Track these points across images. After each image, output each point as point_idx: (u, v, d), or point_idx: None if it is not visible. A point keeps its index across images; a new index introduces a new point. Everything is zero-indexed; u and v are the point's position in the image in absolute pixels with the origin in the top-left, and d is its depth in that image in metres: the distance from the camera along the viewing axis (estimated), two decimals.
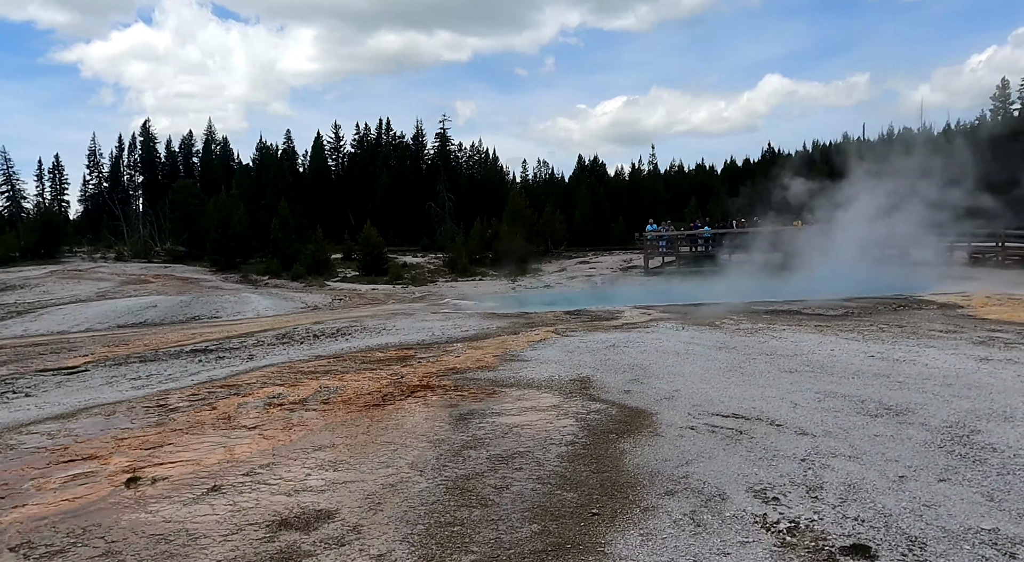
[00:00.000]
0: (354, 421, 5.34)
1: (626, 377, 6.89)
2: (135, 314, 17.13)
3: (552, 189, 56.07)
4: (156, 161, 59.31)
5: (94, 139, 61.80)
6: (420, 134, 55.24)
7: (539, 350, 8.63)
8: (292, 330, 11.64)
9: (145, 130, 59.05)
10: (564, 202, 49.53)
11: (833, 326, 10.35)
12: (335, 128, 57.30)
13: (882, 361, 7.46)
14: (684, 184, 62.17)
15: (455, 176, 52.63)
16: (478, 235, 34.50)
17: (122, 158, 59.63)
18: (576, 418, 5.30)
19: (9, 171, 54.79)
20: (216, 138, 60.97)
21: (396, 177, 49.45)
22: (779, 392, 6.10)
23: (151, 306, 17.99)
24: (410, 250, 41.38)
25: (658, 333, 9.80)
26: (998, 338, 8.89)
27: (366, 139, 57.07)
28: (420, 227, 46.75)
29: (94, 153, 59.60)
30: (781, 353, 8.05)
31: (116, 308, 17.75)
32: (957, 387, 6.19)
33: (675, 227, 30.80)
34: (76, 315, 17.02)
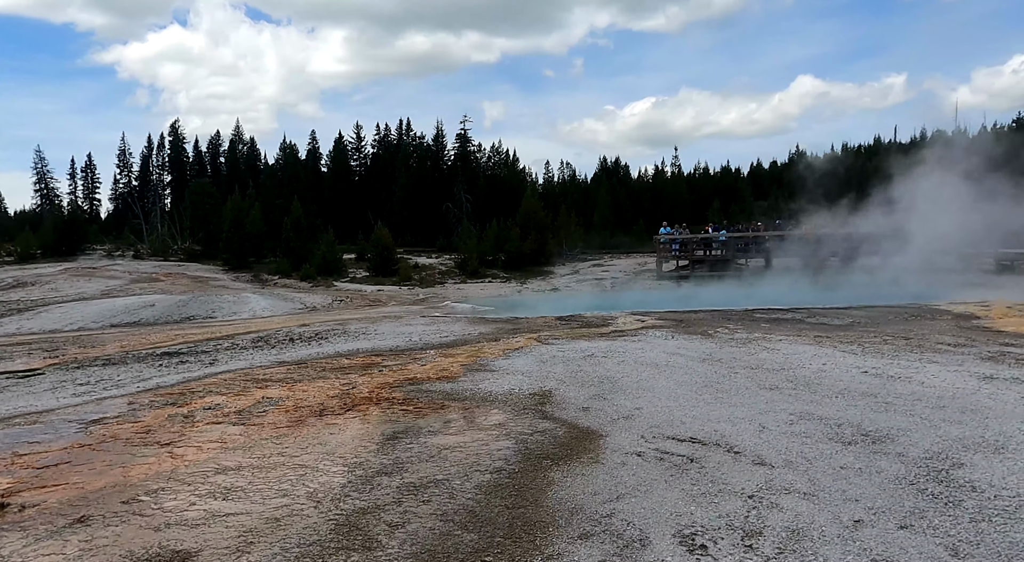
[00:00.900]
0: (277, 438, 4.91)
1: (591, 391, 6.40)
2: (131, 313, 16.91)
3: (573, 191, 55.50)
4: (184, 161, 59.50)
5: (123, 139, 62.39)
6: (440, 135, 54.94)
7: (512, 359, 8.16)
8: (274, 333, 11.27)
9: (174, 130, 59.33)
10: (584, 204, 49.00)
11: (834, 336, 9.76)
12: (356, 128, 57.21)
13: (875, 378, 6.90)
14: (708, 186, 61.26)
15: (473, 177, 52.23)
16: (491, 237, 34.06)
17: (151, 158, 59.90)
18: (517, 440, 4.82)
19: (43, 170, 55.33)
20: (243, 138, 61.08)
21: (414, 178, 49.18)
22: (750, 412, 5.58)
23: (148, 305, 17.77)
24: (425, 251, 41.10)
25: (644, 342, 9.29)
26: (1009, 353, 8.27)
27: (386, 139, 56.82)
28: (437, 228, 46.41)
29: (124, 152, 59.95)
30: (767, 367, 7.51)
31: (114, 307, 17.54)
32: (950, 410, 5.63)
33: (689, 230, 30.09)
34: (73, 314, 16.83)
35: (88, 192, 61.23)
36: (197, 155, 61.25)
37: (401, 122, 57.41)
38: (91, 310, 17.13)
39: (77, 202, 59.95)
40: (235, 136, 60.81)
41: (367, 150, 57.58)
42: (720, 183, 63.44)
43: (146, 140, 60.70)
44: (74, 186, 60.11)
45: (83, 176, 60.45)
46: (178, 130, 60.04)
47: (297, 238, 31.86)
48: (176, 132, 59.91)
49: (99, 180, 61.01)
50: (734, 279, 23.25)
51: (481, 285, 26.99)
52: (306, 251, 30.98)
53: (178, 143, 59.77)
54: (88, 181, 60.88)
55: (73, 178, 59.97)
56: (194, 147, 60.88)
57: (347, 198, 50.63)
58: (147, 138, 58.93)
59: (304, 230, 32.73)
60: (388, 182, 50.67)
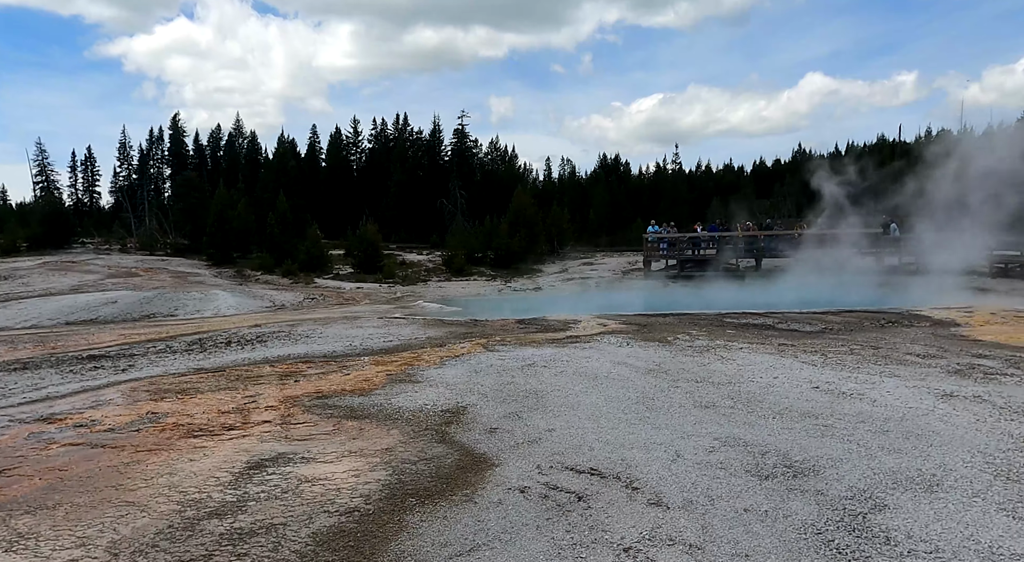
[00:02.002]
0: (126, 465, 4.38)
1: (510, 408, 5.86)
2: (90, 310, 16.41)
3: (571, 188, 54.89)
4: (184, 154, 58.91)
5: (124, 132, 61.79)
6: (437, 130, 54.31)
7: (445, 368, 7.62)
8: (217, 334, 10.77)
9: (174, 123, 58.75)
10: (581, 201, 48.41)
11: (799, 345, 9.21)
12: (354, 123, 56.61)
13: (824, 394, 6.35)
14: (710, 184, 60.63)
15: (469, 173, 51.65)
16: (479, 234, 33.51)
17: (151, 151, 59.31)
18: (395, 470, 4.29)
19: (43, 162, 54.95)
20: (244, 132, 60.42)
21: (409, 173, 48.61)
22: (672, 436, 5.04)
23: (111, 302, 17.27)
24: (417, 248, 40.58)
25: (595, 350, 8.74)
26: (979, 367, 7.72)
27: (383, 134, 56.22)
28: (432, 224, 45.85)
29: (124, 145, 59.36)
30: (714, 380, 6.97)
31: (75, 304, 17.05)
32: (893, 435, 5.08)
33: (677, 229, 29.49)
34: (31, 310, 16.34)
35: (88, 185, 60.83)
36: (198, 149, 60.68)
37: (398, 117, 56.86)
38: (50, 307, 16.64)
39: (77, 195, 59.70)
40: (235, 130, 60.25)
41: (364, 145, 57.05)
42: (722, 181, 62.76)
43: (147, 133, 59.97)
44: (74, 179, 59.75)
45: (83, 169, 60.03)
46: (178, 123, 59.53)
47: (282, 233, 31.33)
48: (176, 125, 59.35)
49: (99, 173, 60.58)
50: (721, 280, 22.66)
51: (464, 283, 26.43)
52: (291, 247, 30.45)
53: (178, 136, 59.19)
54: (88, 174, 60.45)
55: (74, 171, 59.61)
56: (195, 140, 60.32)
57: (343, 194, 50.06)
58: (148, 131, 58.17)
59: (290, 225, 32.19)
60: (384, 178, 50.09)
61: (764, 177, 64.05)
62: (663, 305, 15.79)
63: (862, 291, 18.07)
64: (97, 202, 60.42)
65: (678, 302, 16.74)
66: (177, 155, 58.99)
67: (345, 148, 55.86)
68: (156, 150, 59.67)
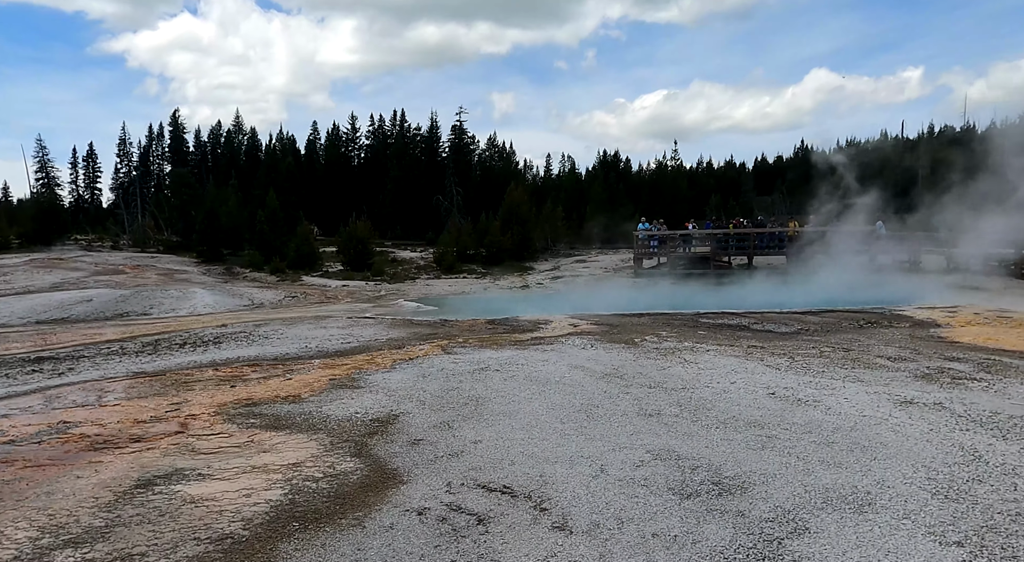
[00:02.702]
0: (6, 483, 4.10)
1: (444, 417, 5.59)
2: (64, 309, 16.17)
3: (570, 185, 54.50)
4: (184, 151, 58.57)
5: (124, 128, 61.51)
6: (435, 127, 53.95)
7: (394, 372, 7.35)
8: (178, 335, 10.52)
9: (174, 120, 58.41)
10: (579, 198, 48.04)
11: (769, 347, 8.92)
12: (352, 120, 56.26)
13: (779, 401, 6.06)
14: (710, 181, 60.26)
15: (466, 169, 51.31)
16: (470, 231, 33.20)
17: (151, 148, 58.98)
18: (292, 489, 4.01)
19: (44, 158, 54.76)
20: (244, 128, 60.05)
21: (406, 170, 48.29)
22: (603, 448, 4.75)
23: (85, 300, 17.02)
24: (413, 245, 40.29)
25: (556, 352, 8.46)
26: (949, 370, 7.42)
27: (380, 131, 55.87)
28: (428, 221, 45.52)
29: (124, 142, 59.02)
30: (669, 385, 6.68)
31: (49, 302, 16.80)
32: (838, 447, 4.79)
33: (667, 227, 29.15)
34: (3, 309, 16.09)
35: (89, 181, 60.56)
36: (199, 145, 60.29)
37: (395, 113, 56.54)
38: (23, 305, 16.39)
39: (79, 191, 59.47)
40: (234, 127, 59.91)
41: (362, 141, 56.71)
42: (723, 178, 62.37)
43: (147, 130, 59.69)
44: (75, 175, 59.50)
45: (84, 165, 59.77)
46: (178, 120, 59.19)
47: (272, 231, 31.04)
48: (176, 122, 59.00)
49: (100, 169, 60.24)
50: (710, 278, 22.34)
51: (451, 281, 26.14)
52: (280, 244, 30.17)
53: (178, 133, 58.84)
54: (90, 170, 60.17)
55: (75, 167, 59.35)
56: (195, 137, 59.98)
57: (341, 191, 49.72)
58: (148, 128, 57.89)
59: (280, 222, 31.91)
60: (382, 175, 49.77)
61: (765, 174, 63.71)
62: (645, 304, 15.49)
63: (850, 290, 17.74)
64: (98, 199, 60.18)
65: (661, 301, 16.43)
66: (177, 152, 58.65)
67: (343, 145, 55.50)
68: (157, 147, 59.39)
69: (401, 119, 55.72)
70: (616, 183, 53.56)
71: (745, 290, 19.16)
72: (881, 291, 17.18)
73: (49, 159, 55.39)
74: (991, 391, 6.49)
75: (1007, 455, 4.62)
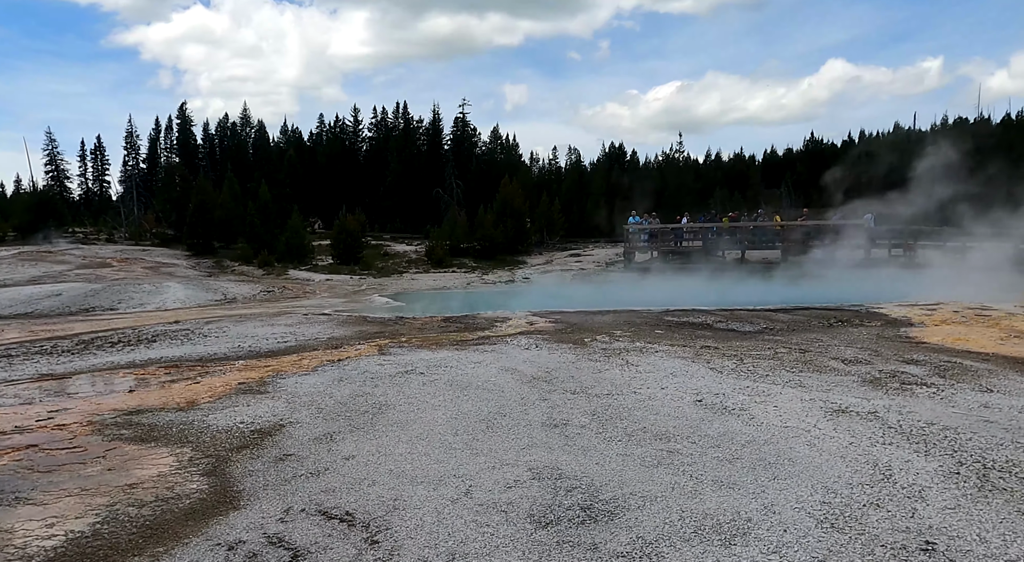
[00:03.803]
0: None
1: (333, 427, 5.22)
2: (30, 304, 15.91)
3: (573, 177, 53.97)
4: (191, 144, 58.28)
5: (131, 121, 61.15)
6: (437, 119, 53.49)
7: (312, 375, 6.99)
8: (122, 332, 10.25)
9: (181, 113, 58.13)
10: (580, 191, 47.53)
11: (723, 348, 8.50)
12: (354, 111, 55.89)
13: (703, 410, 5.65)
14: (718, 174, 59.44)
15: (466, 162, 50.88)
16: (464, 224, 32.82)
17: (159, 140, 58.72)
18: (104, 518, 3.63)
19: (53, 151, 54.82)
20: (251, 121, 59.69)
21: (406, 163, 47.90)
22: (484, 465, 4.37)
23: (55, 295, 16.76)
24: (410, 238, 39.92)
25: (496, 353, 8.08)
26: (902, 374, 7.00)
27: (383, 123, 55.47)
28: (428, 214, 45.12)
29: (131, 135, 58.69)
30: (596, 391, 6.29)
31: (16, 297, 16.54)
32: (741, 464, 4.39)
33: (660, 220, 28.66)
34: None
35: (98, 174, 60.44)
36: (207, 138, 59.93)
37: (398, 105, 56.08)
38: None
39: (87, 184, 59.36)
40: (241, 119, 59.57)
41: (365, 134, 56.32)
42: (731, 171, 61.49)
43: (154, 122, 59.57)
44: (84, 168, 59.43)
45: (92, 158, 59.66)
46: (186, 113, 58.88)
47: (263, 223, 30.76)
48: (184, 115, 58.70)
49: (108, 162, 60.04)
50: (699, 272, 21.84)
51: (438, 275, 25.77)
52: (271, 237, 29.89)
53: (186, 126, 58.56)
54: (98, 163, 60.04)
55: (83, 160, 59.28)
56: (203, 130, 59.67)
57: (344, 183, 49.37)
58: (155, 120, 57.69)
59: (272, 215, 31.62)
60: (384, 167, 49.40)
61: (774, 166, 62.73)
62: (622, 300, 15.07)
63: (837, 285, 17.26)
64: (107, 191, 60.04)
65: (639, 297, 16.02)
66: (185, 145, 58.39)
67: (347, 137, 55.13)
68: (164, 140, 59.16)
69: (404, 111, 55.34)
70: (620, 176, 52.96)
71: (728, 286, 18.69)
72: (867, 286, 16.71)
73: (58, 151, 55.51)
74: (937, 398, 6.06)
75: (921, 474, 4.21)
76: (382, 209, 46.50)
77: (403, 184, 47.23)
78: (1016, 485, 4.03)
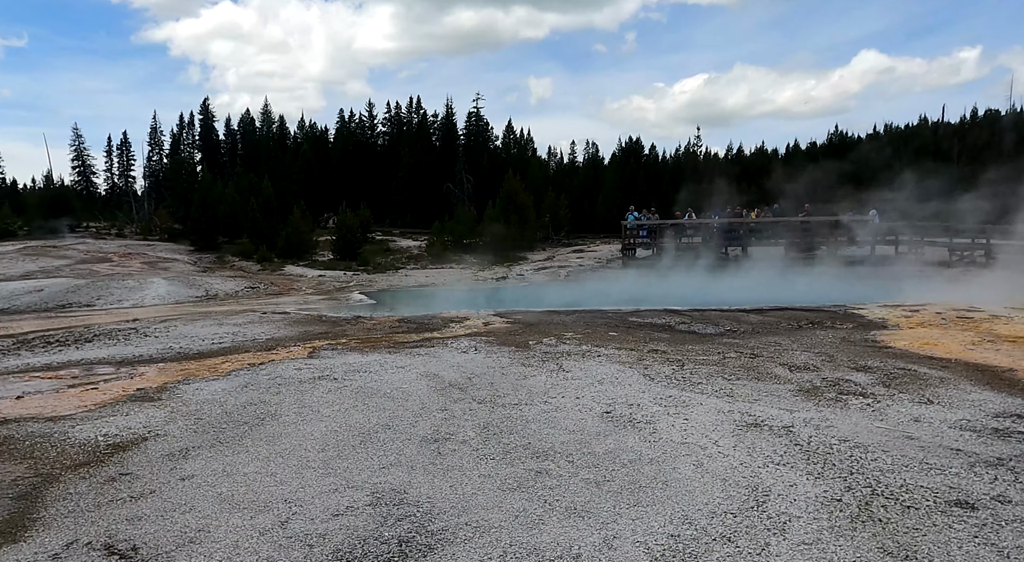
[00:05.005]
0: None
1: (200, 441, 4.92)
2: (9, 300, 15.86)
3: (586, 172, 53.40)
4: (214, 139, 58.43)
5: (155, 117, 61.53)
6: (450, 113, 53.17)
7: (220, 381, 6.70)
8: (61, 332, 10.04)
9: (204, 108, 58.28)
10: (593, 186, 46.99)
11: (672, 352, 8.10)
12: (368, 106, 55.72)
13: (606, 423, 5.27)
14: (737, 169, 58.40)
15: (478, 156, 50.51)
16: (470, 219, 32.47)
17: (182, 136, 58.87)
18: None
19: (80, 147, 55.39)
20: (272, 116, 59.67)
21: (418, 157, 47.65)
22: (325, 487, 4.03)
23: (36, 290, 16.70)
24: (418, 233, 39.65)
25: (427, 357, 7.74)
26: (846, 382, 6.57)
27: (396, 118, 55.23)
28: (439, 210, 44.83)
29: (155, 131, 58.95)
30: (508, 400, 5.94)
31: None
32: (610, 487, 4.03)
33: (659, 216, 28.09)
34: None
35: (124, 169, 60.81)
36: (229, 133, 59.98)
37: (411, 100, 55.82)
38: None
39: (113, 179, 59.78)
40: (263, 115, 59.63)
41: (379, 129, 56.13)
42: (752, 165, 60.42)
43: (178, 118, 59.84)
44: (110, 163, 59.87)
45: (118, 153, 60.06)
46: (208, 108, 59.00)
47: (265, 218, 30.64)
48: (207, 110, 58.81)
49: (134, 157, 60.32)
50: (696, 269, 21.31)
51: (433, 272, 25.45)
52: (272, 232, 29.78)
53: (208, 122, 58.68)
54: (124, 158, 60.40)
55: (109, 155, 59.72)
56: (226, 125, 59.78)
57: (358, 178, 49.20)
58: (179, 117, 57.94)
59: (275, 210, 31.50)
60: (397, 162, 49.20)
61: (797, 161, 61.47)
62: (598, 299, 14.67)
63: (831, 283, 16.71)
64: (132, 187, 60.36)
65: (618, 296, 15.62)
66: (207, 140, 58.54)
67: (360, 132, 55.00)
68: (187, 135, 59.30)
69: (417, 106, 55.04)
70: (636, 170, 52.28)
71: (718, 284, 18.15)
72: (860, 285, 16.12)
73: (85, 147, 56.10)
74: (868, 411, 5.62)
75: (798, 501, 3.80)
76: (394, 204, 46.32)
77: (415, 179, 46.99)
78: (895, 515, 3.61)
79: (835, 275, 18.28)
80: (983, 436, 4.96)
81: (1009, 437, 4.92)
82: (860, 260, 21.52)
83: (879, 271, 19.36)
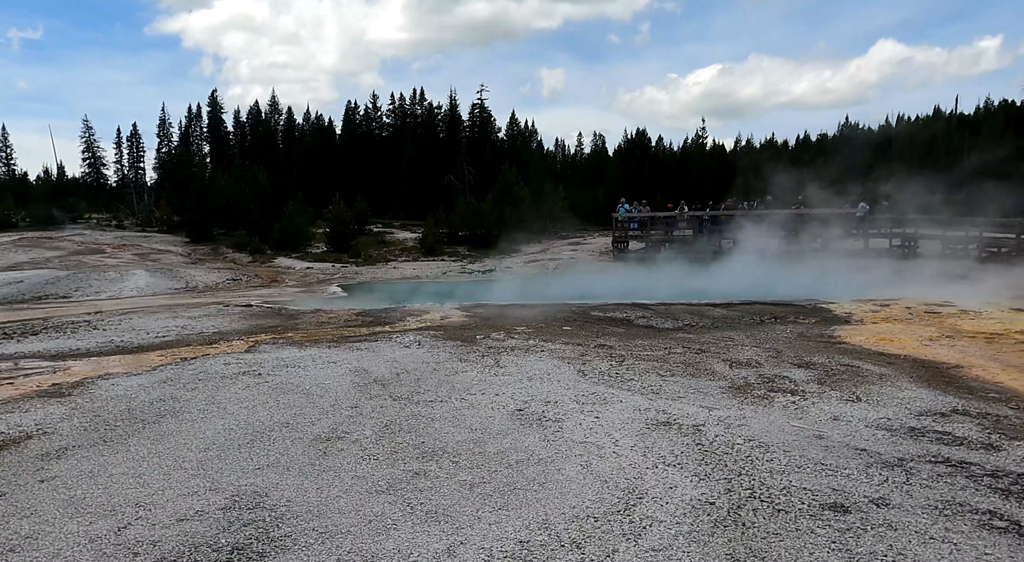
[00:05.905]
0: None
1: (86, 439, 4.80)
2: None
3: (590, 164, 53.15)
4: (223, 131, 58.45)
5: (164, 109, 61.69)
6: (453, 105, 52.97)
7: (144, 376, 6.60)
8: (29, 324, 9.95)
9: (212, 100, 58.38)
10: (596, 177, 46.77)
11: (618, 347, 7.94)
12: (372, 98, 55.65)
13: (513, 422, 5.13)
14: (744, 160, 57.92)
15: (479, 149, 50.30)
16: (465, 212, 32.29)
17: (191, 128, 58.87)
18: None
19: (90, 139, 55.63)
20: (280, 108, 59.63)
21: (420, 150, 47.51)
22: (180, 492, 3.90)
23: (16, 282, 16.68)
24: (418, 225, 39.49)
25: (366, 351, 7.63)
26: (782, 379, 6.40)
27: (400, 110, 55.08)
28: (440, 202, 44.68)
29: (164, 122, 59.08)
30: (422, 397, 5.80)
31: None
32: (483, 489, 3.89)
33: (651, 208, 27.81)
34: None
35: (133, 161, 60.94)
36: (237, 125, 59.94)
37: (415, 92, 55.63)
38: None
39: (123, 171, 59.96)
40: (270, 106, 59.58)
41: (383, 121, 55.98)
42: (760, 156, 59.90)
43: (187, 110, 59.96)
44: (120, 155, 60.02)
45: (128, 145, 60.17)
46: (216, 100, 59.04)
47: (260, 210, 30.58)
48: (215, 102, 58.87)
49: (144, 149, 60.45)
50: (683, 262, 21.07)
51: (421, 264, 25.32)
52: (267, 224, 29.70)
53: (216, 113, 58.71)
54: (134, 150, 60.52)
55: (119, 147, 59.85)
56: (234, 117, 59.79)
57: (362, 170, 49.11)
58: (188, 108, 58.02)
59: (270, 201, 31.43)
60: (400, 154, 49.07)
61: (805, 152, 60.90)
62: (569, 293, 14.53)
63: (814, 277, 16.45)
64: (142, 178, 60.51)
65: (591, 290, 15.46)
66: (215, 132, 58.58)
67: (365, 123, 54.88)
68: (195, 127, 59.32)
69: (420, 97, 54.88)
70: (641, 162, 51.98)
71: (701, 277, 17.91)
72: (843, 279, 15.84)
73: (95, 139, 56.32)
74: (790, 409, 5.44)
75: (670, 503, 3.65)
76: (395, 196, 46.23)
77: (417, 171, 46.86)
78: (761, 519, 3.45)
79: (821, 269, 17.98)
80: (896, 436, 4.78)
81: (921, 437, 4.73)
82: (851, 253, 21.19)
83: (868, 264, 19.04)
